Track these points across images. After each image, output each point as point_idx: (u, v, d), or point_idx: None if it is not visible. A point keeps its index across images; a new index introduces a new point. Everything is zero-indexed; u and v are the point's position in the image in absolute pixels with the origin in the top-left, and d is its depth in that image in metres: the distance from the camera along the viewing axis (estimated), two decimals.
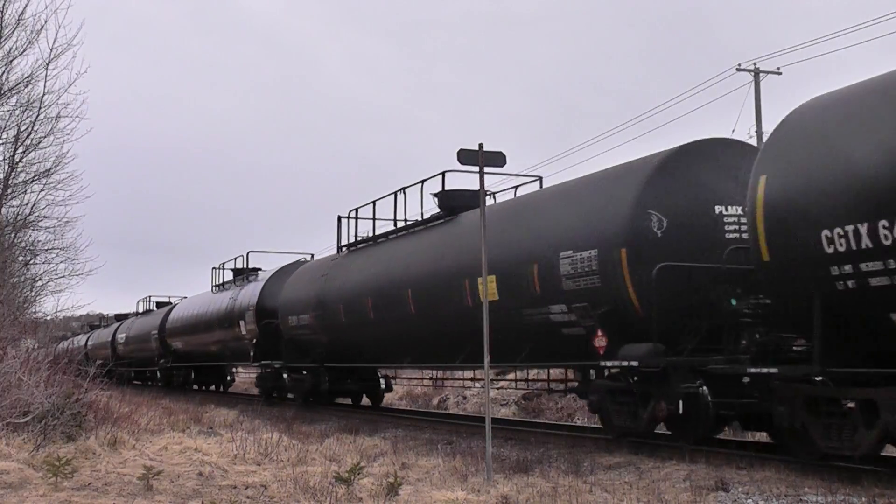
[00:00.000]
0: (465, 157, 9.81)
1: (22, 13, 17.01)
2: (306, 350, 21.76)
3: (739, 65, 33.03)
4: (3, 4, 16.84)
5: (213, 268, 31.27)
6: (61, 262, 22.32)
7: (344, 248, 20.84)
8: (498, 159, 9.95)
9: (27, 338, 18.13)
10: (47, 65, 17.09)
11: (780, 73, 33.23)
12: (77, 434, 10.91)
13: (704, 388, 11.01)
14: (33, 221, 20.29)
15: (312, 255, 27.02)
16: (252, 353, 25.16)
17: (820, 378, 9.31)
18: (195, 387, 35.37)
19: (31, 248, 21.74)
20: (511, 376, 22.42)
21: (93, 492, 7.88)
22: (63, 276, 22.80)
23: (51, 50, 16.98)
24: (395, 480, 7.95)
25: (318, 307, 20.29)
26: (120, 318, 49.71)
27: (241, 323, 25.80)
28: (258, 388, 26.29)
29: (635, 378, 11.68)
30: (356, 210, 20.32)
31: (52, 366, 13.23)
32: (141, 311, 43.52)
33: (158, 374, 37.79)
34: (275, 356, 23.65)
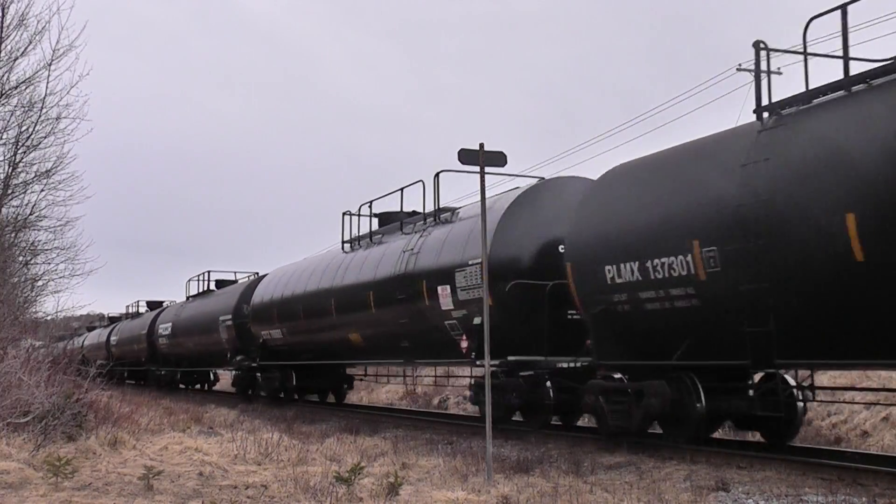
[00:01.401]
0: (466, 156, 9.80)
1: (24, 14, 17.00)
2: (676, 333, 10.73)
3: (740, 65, 32.85)
4: (5, 5, 16.83)
5: (346, 213, 19.99)
6: (62, 262, 22.33)
7: (789, 107, 9.77)
8: (498, 159, 9.93)
9: (27, 338, 18.13)
10: (49, 65, 17.08)
11: (780, 73, 33.19)
12: (77, 434, 10.93)
13: None
14: (34, 221, 20.31)
15: (542, 179, 15.55)
16: (466, 344, 14.47)
17: None
18: (297, 396, 23.62)
19: (32, 248, 21.76)
20: None
21: (93, 492, 7.88)
22: (63, 277, 22.81)
23: (53, 51, 16.97)
24: (395, 480, 7.95)
25: (756, 233, 9.41)
26: (154, 305, 40.87)
27: (441, 292, 14.90)
28: (477, 404, 15.15)
29: None
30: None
31: (53, 366, 13.25)
32: (193, 293, 33.00)
33: (231, 377, 28.01)
34: (551, 346, 13.34)
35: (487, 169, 9.87)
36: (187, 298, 33.51)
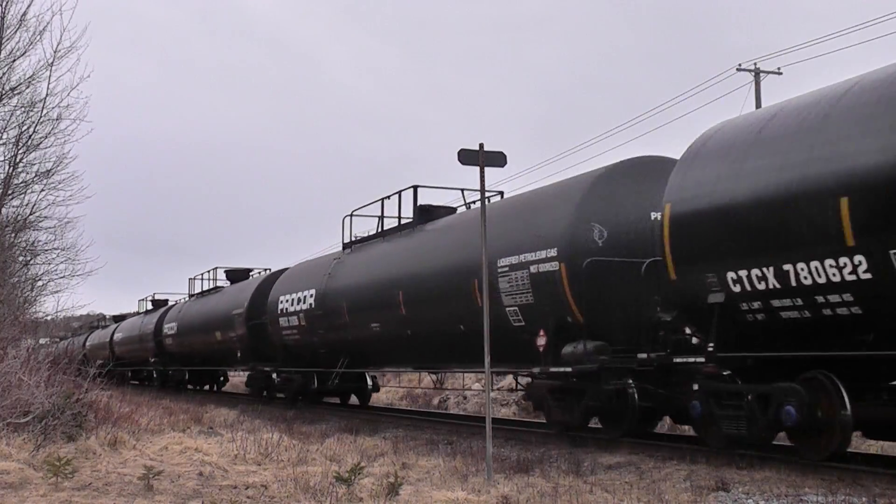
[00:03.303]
0: (466, 157, 9.78)
1: (24, 14, 17.00)
2: None
3: (740, 65, 33.10)
4: (5, 5, 16.82)
5: None
6: (62, 262, 22.41)
7: None
8: (499, 159, 9.92)
9: (27, 337, 18.14)
10: (51, 66, 17.07)
11: (780, 73, 33.28)
12: (77, 434, 10.93)
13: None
14: (34, 222, 20.35)
15: None
16: None
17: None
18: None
19: (32, 248, 21.80)
20: None
21: (93, 492, 7.89)
22: (63, 277, 22.88)
23: (54, 51, 16.96)
24: (395, 480, 7.95)
25: None
26: (236, 276, 27.92)
27: None
28: None
29: None
30: None
31: (53, 366, 13.26)
32: (339, 244, 20.47)
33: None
34: None
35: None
36: (348, 247, 20.08)
